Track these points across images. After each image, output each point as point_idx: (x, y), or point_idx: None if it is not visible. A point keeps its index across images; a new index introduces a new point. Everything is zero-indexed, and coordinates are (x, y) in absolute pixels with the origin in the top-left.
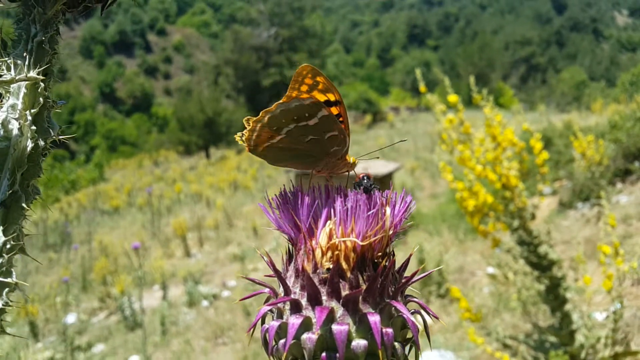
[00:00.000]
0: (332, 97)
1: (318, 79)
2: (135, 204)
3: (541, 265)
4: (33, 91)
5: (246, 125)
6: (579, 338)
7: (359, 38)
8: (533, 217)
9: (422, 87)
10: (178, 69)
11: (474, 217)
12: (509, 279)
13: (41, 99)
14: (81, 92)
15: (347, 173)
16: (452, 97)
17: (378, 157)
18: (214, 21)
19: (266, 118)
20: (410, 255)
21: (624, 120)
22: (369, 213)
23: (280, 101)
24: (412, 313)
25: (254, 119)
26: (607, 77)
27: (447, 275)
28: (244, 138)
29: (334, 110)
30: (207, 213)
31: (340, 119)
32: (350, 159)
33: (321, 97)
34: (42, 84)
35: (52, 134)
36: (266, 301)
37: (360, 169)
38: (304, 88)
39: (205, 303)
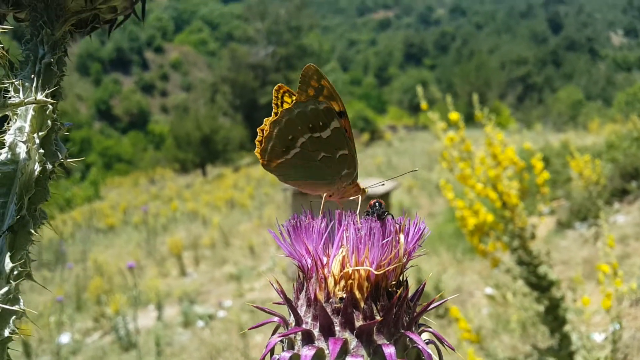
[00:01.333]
0: (336, 107)
1: (323, 83)
2: (131, 223)
3: (540, 285)
4: (41, 114)
5: (260, 134)
6: (578, 359)
7: (356, 57)
8: (533, 236)
9: (423, 105)
10: (175, 87)
11: (473, 236)
12: (507, 299)
13: (49, 122)
14: (77, 109)
15: (360, 199)
16: (454, 115)
17: (383, 184)
18: (211, 39)
19: (284, 120)
20: (424, 283)
21: (620, 140)
22: (383, 241)
23: (296, 100)
24: (427, 343)
25: (271, 119)
26: (603, 97)
27: (446, 295)
28: (256, 150)
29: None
30: (203, 231)
31: (347, 134)
32: (362, 187)
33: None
34: (50, 107)
35: (60, 157)
36: (275, 331)
37: None
38: (311, 92)
39: (200, 323)
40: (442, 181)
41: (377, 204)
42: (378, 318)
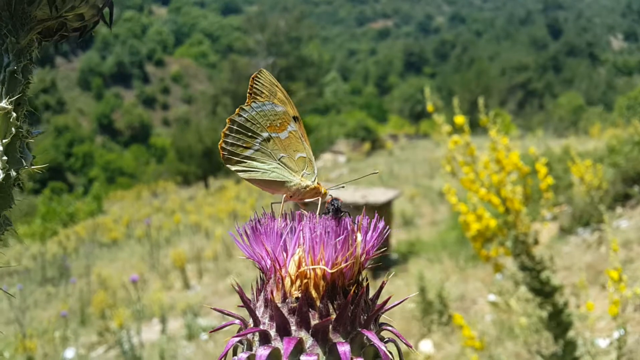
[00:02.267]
0: (290, 111)
1: (276, 87)
2: (134, 236)
3: (544, 291)
4: (5, 121)
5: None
6: None
7: (356, 66)
8: (536, 242)
9: (429, 107)
10: (176, 100)
11: (476, 241)
12: (511, 306)
13: (13, 129)
14: (79, 124)
15: (320, 200)
16: (459, 119)
17: (344, 187)
18: (211, 51)
19: (245, 116)
20: (384, 283)
21: (622, 145)
22: (337, 239)
23: (252, 100)
24: (386, 342)
25: (232, 116)
26: (604, 102)
27: (449, 303)
28: (220, 142)
29: None
30: (206, 244)
31: (303, 138)
32: (322, 189)
33: None
34: (14, 114)
35: (25, 164)
36: (236, 333)
37: (359, 197)
38: (265, 97)
39: (204, 336)
40: (446, 185)
41: (334, 202)
42: (334, 316)
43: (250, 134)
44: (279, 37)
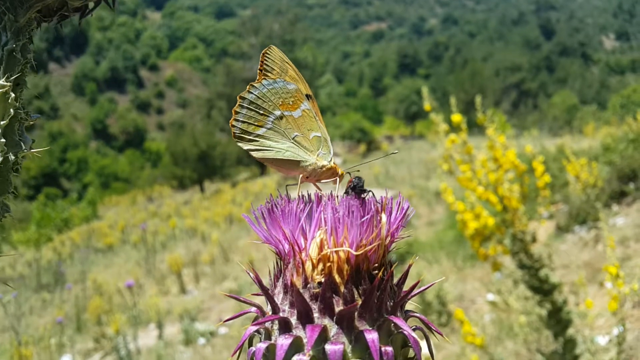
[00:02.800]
0: (302, 89)
1: (287, 64)
2: (130, 241)
3: (542, 289)
4: (3, 101)
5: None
6: None
7: (350, 69)
8: (534, 240)
9: (427, 106)
10: (171, 104)
11: (474, 240)
12: (510, 304)
13: (12, 110)
14: (73, 129)
15: (337, 181)
16: (456, 117)
17: (359, 170)
18: (205, 55)
19: (256, 93)
20: (410, 265)
21: (616, 142)
22: (362, 220)
23: (263, 78)
24: (414, 330)
25: (242, 93)
26: (597, 100)
27: (447, 303)
28: (231, 120)
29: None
30: (203, 248)
31: (318, 117)
32: (339, 170)
33: None
34: (12, 94)
35: (24, 147)
36: (254, 322)
37: None
38: (275, 74)
39: (202, 341)
40: (443, 184)
41: (356, 180)
42: (359, 302)
43: (261, 111)
44: (273, 40)
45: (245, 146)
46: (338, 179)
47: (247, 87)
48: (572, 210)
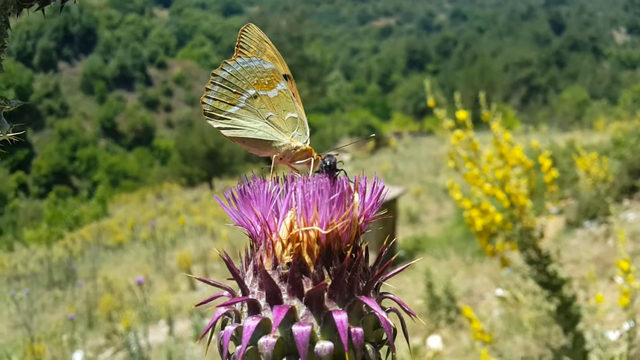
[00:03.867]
0: (281, 69)
1: (265, 43)
2: (139, 239)
3: (551, 284)
4: None
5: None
6: (593, 358)
7: (359, 65)
8: (542, 235)
9: (430, 101)
10: (179, 102)
11: (482, 237)
12: (519, 299)
13: None
14: (83, 127)
15: (312, 163)
16: (461, 114)
17: (337, 154)
18: (213, 53)
19: (229, 71)
20: (384, 247)
21: (627, 137)
22: (331, 197)
23: (235, 57)
24: (388, 311)
25: (215, 70)
26: (608, 95)
27: (456, 298)
28: (202, 97)
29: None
30: (212, 245)
31: (295, 98)
32: (314, 152)
33: None
34: None
35: (2, 133)
36: (221, 304)
37: None
38: (252, 52)
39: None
40: (449, 181)
41: (327, 159)
42: (329, 282)
43: (234, 90)
44: (280, 37)
45: (216, 124)
46: (313, 161)
47: (221, 64)
48: (582, 206)
